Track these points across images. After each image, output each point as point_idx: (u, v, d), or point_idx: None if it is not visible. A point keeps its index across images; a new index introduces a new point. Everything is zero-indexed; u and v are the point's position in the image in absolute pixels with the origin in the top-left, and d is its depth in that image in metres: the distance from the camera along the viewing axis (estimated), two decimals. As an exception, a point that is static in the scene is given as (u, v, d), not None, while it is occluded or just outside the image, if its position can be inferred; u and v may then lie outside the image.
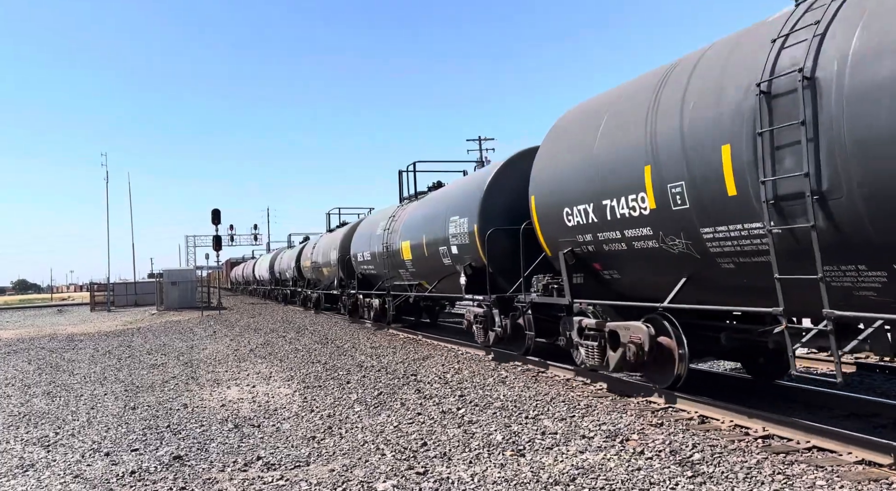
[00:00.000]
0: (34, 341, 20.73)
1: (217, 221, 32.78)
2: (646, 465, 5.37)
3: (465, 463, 5.68)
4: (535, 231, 9.58)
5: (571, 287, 8.80)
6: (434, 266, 14.07)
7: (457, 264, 12.71)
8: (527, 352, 10.92)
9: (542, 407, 7.68)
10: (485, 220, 11.50)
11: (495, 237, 11.19)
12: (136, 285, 46.32)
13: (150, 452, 6.58)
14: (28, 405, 9.62)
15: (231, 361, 13.56)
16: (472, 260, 12.07)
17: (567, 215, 8.61)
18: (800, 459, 5.40)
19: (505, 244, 11.17)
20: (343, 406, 8.35)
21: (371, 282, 19.87)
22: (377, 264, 18.41)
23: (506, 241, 11.13)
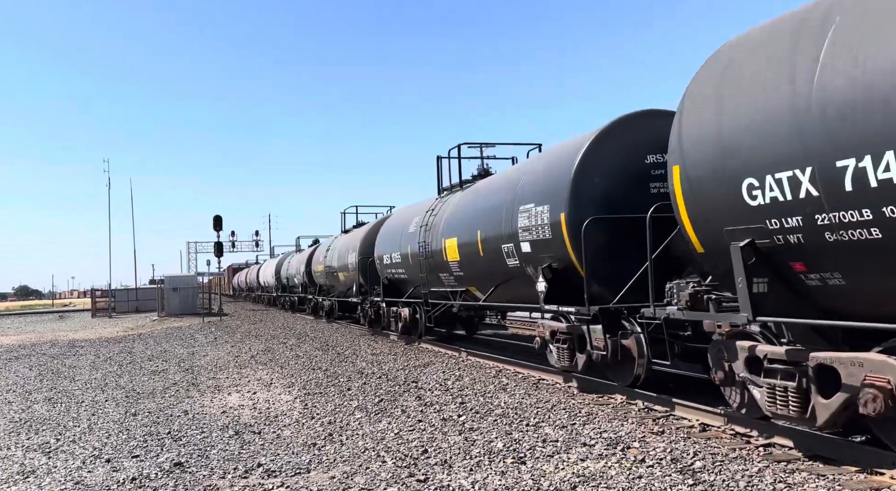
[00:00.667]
0: (35, 347, 20.74)
1: (219, 228, 32.84)
2: (647, 473, 5.37)
3: (466, 470, 5.68)
4: (680, 218, 6.51)
5: (752, 298, 5.84)
6: (491, 268, 11.32)
7: (527, 266, 9.94)
8: (635, 383, 8.44)
9: (544, 414, 7.68)
10: (577, 208, 8.67)
11: (592, 230, 8.43)
12: (138, 291, 46.31)
13: (150, 459, 6.58)
14: (29, 411, 9.62)
15: (232, 367, 13.56)
16: (554, 260, 9.29)
17: (750, 191, 5.64)
18: (801, 467, 5.39)
19: (600, 240, 8.51)
20: (344, 413, 8.35)
21: (399, 288, 17.05)
22: (409, 267, 15.61)
23: (601, 237, 8.50)
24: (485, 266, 11.56)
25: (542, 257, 9.57)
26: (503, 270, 10.85)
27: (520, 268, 10.25)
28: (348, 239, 22.78)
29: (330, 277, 24.79)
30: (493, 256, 11.00)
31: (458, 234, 12.55)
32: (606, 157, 8.80)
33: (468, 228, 12.10)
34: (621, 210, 8.50)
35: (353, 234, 22.39)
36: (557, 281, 9.33)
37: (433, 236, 13.91)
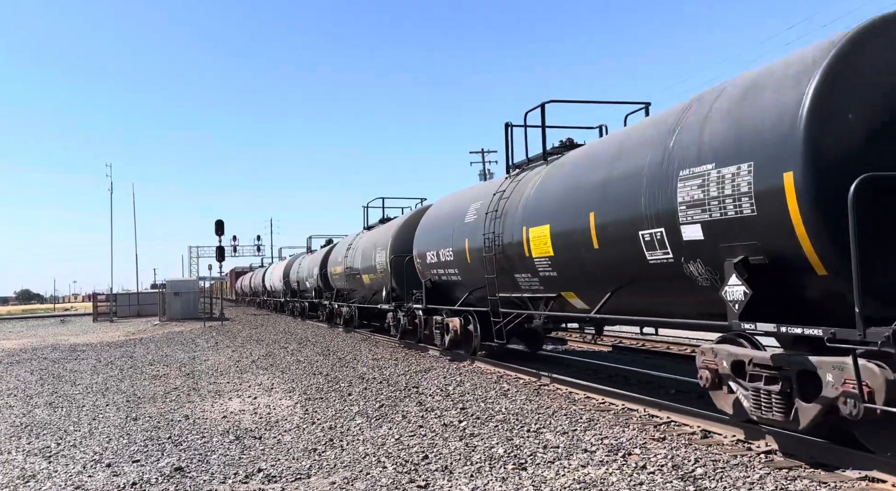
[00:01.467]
0: (37, 351, 20.75)
1: (221, 232, 32.85)
2: (648, 479, 5.35)
3: (467, 476, 5.67)
4: None
5: None
6: (613, 266, 8.01)
7: (690, 261, 6.64)
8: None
9: (544, 420, 7.67)
10: (820, 164, 5.24)
11: (867, 199, 4.99)
12: (139, 296, 46.33)
13: (151, 464, 6.57)
14: (30, 416, 9.63)
15: (233, 372, 13.55)
16: (757, 251, 5.87)
17: None
18: (802, 474, 5.38)
19: (880, 214, 5.13)
20: (344, 418, 8.35)
21: (447, 292, 14.16)
22: (465, 267, 12.60)
23: (880, 209, 5.13)
24: (599, 263, 8.24)
25: (729, 247, 6.14)
26: (637, 267, 7.47)
27: (673, 264, 6.86)
28: (375, 235, 19.32)
29: (351, 280, 21.69)
30: (620, 248, 7.68)
31: (552, 219, 9.21)
32: (867, 76, 5.29)
33: (570, 211, 8.76)
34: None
35: (382, 230, 19.04)
36: (761, 285, 5.89)
37: (506, 226, 10.64)
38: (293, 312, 35.98)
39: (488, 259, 11.23)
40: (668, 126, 7.18)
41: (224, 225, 32.86)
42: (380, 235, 18.74)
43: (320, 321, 29.01)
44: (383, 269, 17.55)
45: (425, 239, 14.79)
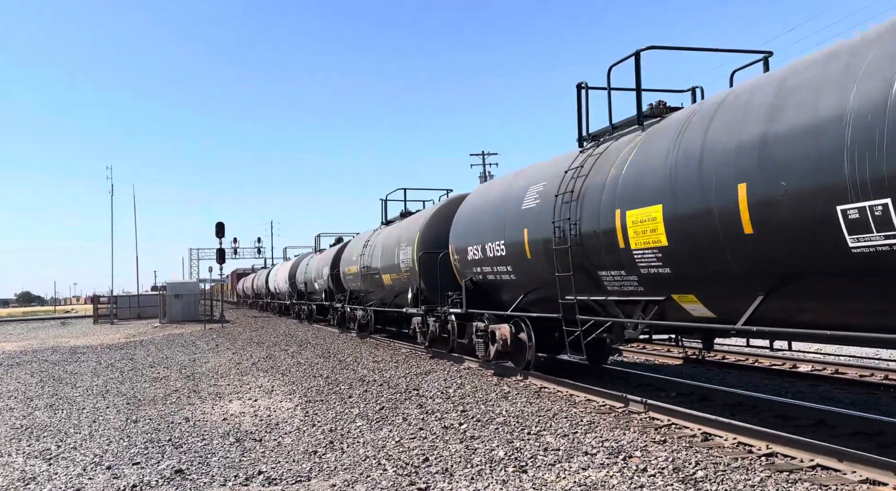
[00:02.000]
0: (37, 354, 20.74)
1: (221, 235, 32.83)
2: (649, 482, 5.35)
3: (467, 479, 5.66)
4: None
5: None
6: (788, 254, 5.81)
7: None
8: None
9: (545, 423, 7.66)
10: None
11: None
12: (140, 298, 46.28)
13: (151, 466, 6.57)
14: (30, 418, 9.62)
15: (233, 374, 13.55)
16: None
17: None
18: (803, 477, 5.37)
19: None
20: (345, 421, 8.34)
21: (492, 294, 12.14)
22: (523, 263, 10.43)
23: None
24: (751, 255, 6.12)
25: None
26: (824, 259, 5.47)
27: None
28: (398, 230, 17.05)
29: (368, 281, 19.46)
30: (797, 232, 5.59)
31: (664, 198, 7.12)
32: None
33: (699, 185, 6.64)
34: None
35: (407, 224, 16.85)
36: None
37: (587, 210, 8.59)
38: (299, 316, 34.01)
39: (560, 253, 9.06)
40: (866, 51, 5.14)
41: (224, 227, 32.85)
42: (404, 230, 16.41)
43: (330, 325, 26.91)
44: (409, 267, 15.34)
45: (465, 232, 12.56)
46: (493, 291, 12.03)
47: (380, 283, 18.10)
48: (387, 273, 17.31)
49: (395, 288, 16.95)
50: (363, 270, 19.66)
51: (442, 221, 14.49)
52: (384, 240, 18.01)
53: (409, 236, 15.59)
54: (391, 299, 17.71)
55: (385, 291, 17.99)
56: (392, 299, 17.61)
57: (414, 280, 15.16)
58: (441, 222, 14.56)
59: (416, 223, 15.78)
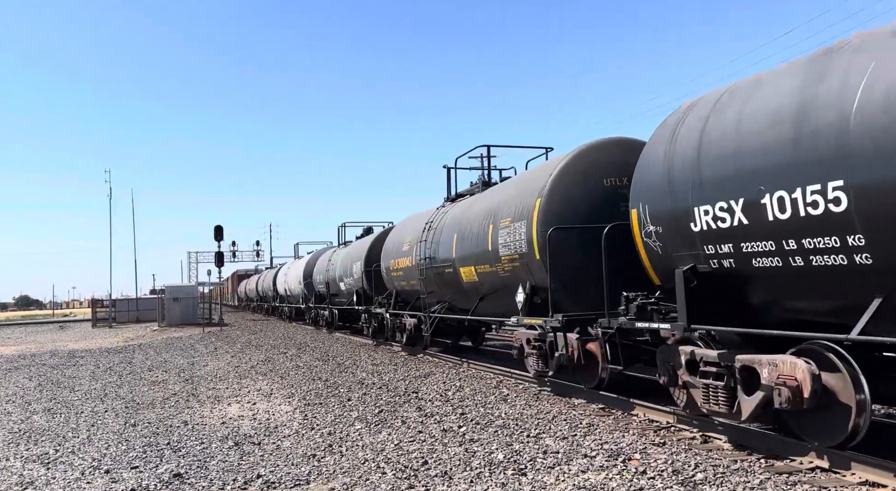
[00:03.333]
0: (35, 357, 20.71)
1: (220, 238, 32.79)
2: (648, 484, 5.34)
3: (466, 482, 5.65)
4: None
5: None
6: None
7: None
8: None
9: (544, 425, 7.65)
10: None
11: None
12: (138, 301, 46.26)
13: (150, 470, 6.56)
14: (28, 422, 9.60)
15: (232, 377, 13.53)
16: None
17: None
18: (803, 479, 5.37)
19: None
20: (344, 424, 8.33)
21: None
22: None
23: None
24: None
25: None
26: None
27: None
28: (489, 201, 11.90)
29: (433, 279, 14.14)
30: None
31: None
32: None
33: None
34: None
35: (508, 189, 11.33)
36: None
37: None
38: (316, 322, 28.44)
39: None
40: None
41: (223, 230, 32.82)
42: (505, 200, 10.96)
43: (359, 334, 21.98)
44: (523, 252, 9.98)
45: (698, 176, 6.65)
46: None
47: (454, 280, 12.98)
48: (471, 265, 12.01)
49: (480, 287, 11.99)
50: (424, 263, 14.37)
51: (580, 176, 9.37)
52: (461, 217, 12.93)
53: (521, 206, 10.14)
54: (475, 304, 12.45)
55: (462, 291, 12.89)
56: (477, 303, 12.42)
57: (529, 272, 9.97)
58: (579, 179, 9.36)
59: (537, 179, 10.06)
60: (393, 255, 17.16)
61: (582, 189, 9.41)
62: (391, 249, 17.43)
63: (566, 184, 9.46)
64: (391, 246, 17.56)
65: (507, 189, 11.40)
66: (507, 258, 10.54)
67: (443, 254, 13.50)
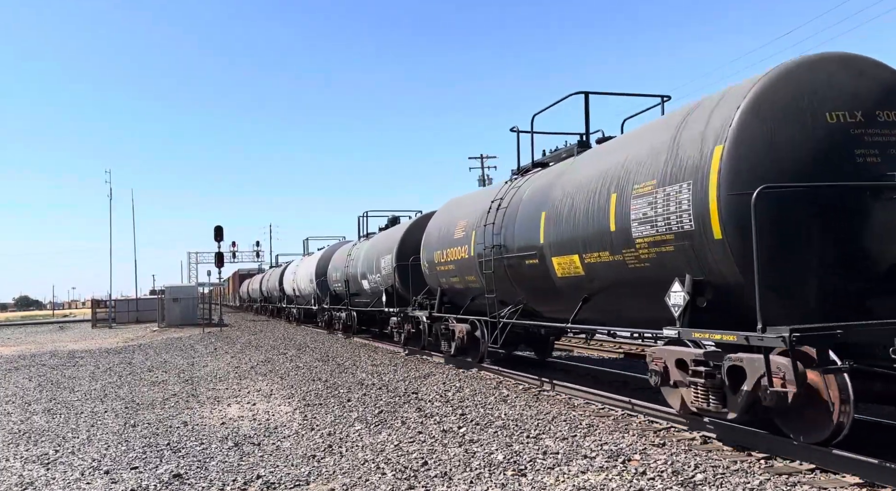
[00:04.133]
0: (35, 358, 20.71)
1: (220, 238, 32.79)
2: (648, 485, 5.34)
3: (466, 483, 5.65)
4: None
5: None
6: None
7: None
8: None
9: (544, 426, 7.65)
10: None
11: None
12: (138, 302, 46.28)
13: (149, 470, 6.56)
14: (28, 422, 9.60)
15: (231, 378, 13.53)
16: None
17: None
18: (802, 480, 5.37)
19: None
20: (343, 424, 8.33)
21: None
22: None
23: None
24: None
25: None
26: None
27: None
28: (588, 165, 8.86)
29: (498, 275, 10.96)
30: None
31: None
32: None
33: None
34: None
35: (618, 149, 8.33)
36: None
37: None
38: (331, 325, 25.60)
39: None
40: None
41: (223, 231, 32.82)
42: (642, 151, 7.54)
43: (390, 342, 18.73)
44: (684, 231, 6.65)
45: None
46: None
47: (538, 274, 9.64)
48: (567, 253, 8.72)
49: (590, 282, 8.45)
50: (486, 253, 11.12)
51: (791, 109, 6.16)
52: (548, 190, 9.56)
53: (677, 161, 6.84)
54: (572, 303, 8.97)
55: (549, 289, 9.54)
56: (576, 303, 8.88)
57: (693, 260, 6.66)
58: (789, 114, 6.15)
59: (699, 127, 6.75)
60: (438, 245, 13.88)
61: (795, 129, 6.11)
62: (435, 239, 14.13)
63: (767, 120, 6.14)
64: (435, 234, 14.21)
65: (637, 142, 7.81)
66: (649, 240, 7.08)
67: (520, 240, 10.11)
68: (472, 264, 12.00)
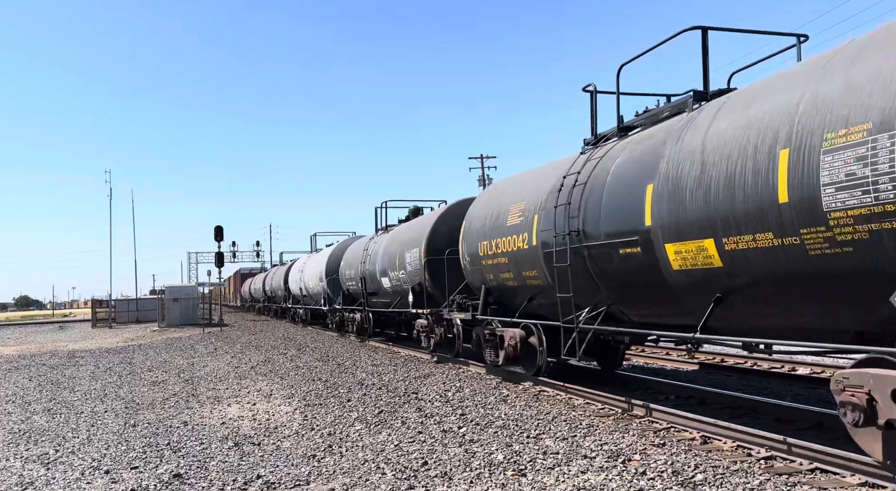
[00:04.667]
0: (35, 358, 20.71)
1: (220, 238, 32.81)
2: (648, 485, 5.34)
3: (466, 483, 5.65)
4: None
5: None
6: None
7: None
8: None
9: (544, 426, 7.65)
10: None
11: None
12: (138, 302, 46.28)
13: (149, 470, 6.56)
14: (28, 422, 9.60)
15: (232, 378, 13.53)
16: None
17: None
18: (803, 480, 5.37)
19: None
20: (343, 424, 8.33)
21: None
22: None
23: None
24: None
25: None
26: None
27: None
28: (730, 117, 6.45)
29: (575, 269, 8.72)
30: None
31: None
32: None
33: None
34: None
35: (787, 89, 5.88)
36: None
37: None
38: (342, 327, 23.83)
39: None
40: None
41: (223, 231, 32.84)
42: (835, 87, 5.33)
43: (415, 347, 16.63)
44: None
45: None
46: None
47: (642, 266, 7.53)
48: (692, 238, 6.67)
49: (731, 276, 6.41)
50: (556, 240, 9.03)
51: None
52: (653, 153, 7.51)
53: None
54: (691, 305, 7.12)
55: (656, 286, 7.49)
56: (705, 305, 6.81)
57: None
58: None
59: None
60: (483, 234, 11.67)
61: None
62: (479, 227, 11.91)
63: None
64: (479, 222, 11.98)
65: (820, 75, 5.61)
66: (859, 214, 5.00)
67: (610, 224, 7.95)
68: (534, 256, 9.81)
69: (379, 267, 18.42)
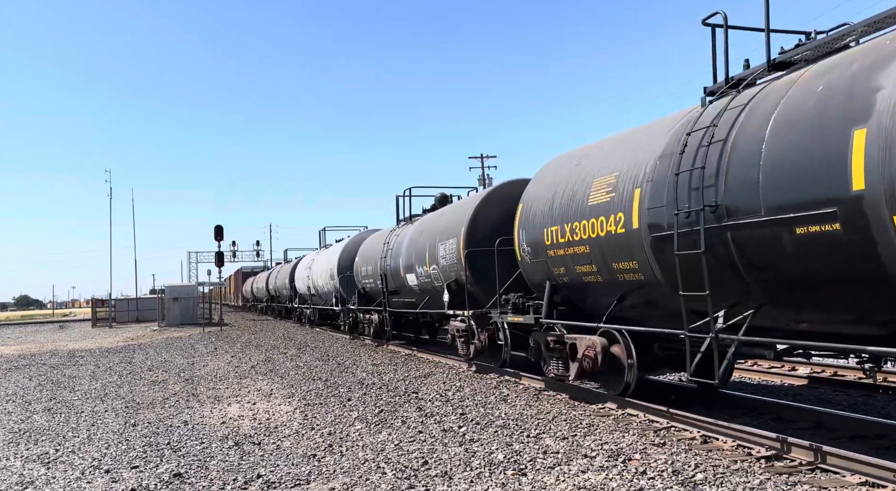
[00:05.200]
0: (35, 357, 20.71)
1: (220, 238, 32.79)
2: (648, 485, 5.34)
3: (466, 482, 5.65)
4: None
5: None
6: None
7: None
8: None
9: (544, 426, 7.65)
10: None
11: None
12: (138, 301, 46.29)
13: (150, 470, 6.56)
14: (28, 422, 9.60)
15: (232, 377, 13.53)
16: None
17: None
18: (803, 479, 5.37)
19: None
20: (344, 424, 8.33)
21: None
22: None
23: None
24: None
25: None
26: None
27: None
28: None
29: (718, 258, 6.39)
30: None
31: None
32: None
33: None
34: None
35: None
36: None
37: None
38: (355, 328, 22.02)
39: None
40: None
41: (223, 230, 32.82)
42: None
43: (447, 355, 14.59)
44: None
45: None
46: None
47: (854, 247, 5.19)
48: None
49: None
50: (700, 217, 6.49)
51: None
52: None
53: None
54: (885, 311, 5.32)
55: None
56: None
57: None
58: None
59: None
60: (550, 219, 9.46)
61: None
62: (543, 210, 9.71)
63: None
64: (543, 204, 9.77)
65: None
66: None
67: (775, 193, 5.73)
68: (634, 242, 7.62)
69: (403, 262, 16.15)
